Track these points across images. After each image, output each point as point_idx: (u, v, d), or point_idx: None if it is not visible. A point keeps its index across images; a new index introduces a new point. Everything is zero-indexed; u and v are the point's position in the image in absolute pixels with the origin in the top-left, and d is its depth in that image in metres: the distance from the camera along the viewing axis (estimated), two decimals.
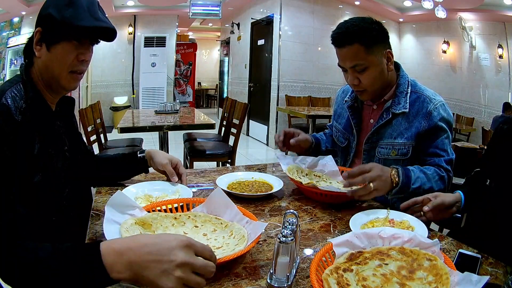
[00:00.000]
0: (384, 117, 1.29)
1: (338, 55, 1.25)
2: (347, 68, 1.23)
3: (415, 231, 0.92)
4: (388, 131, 1.29)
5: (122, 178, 1.29)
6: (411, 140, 1.25)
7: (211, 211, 0.93)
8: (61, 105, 1.07)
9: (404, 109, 1.26)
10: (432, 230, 1.02)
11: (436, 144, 1.24)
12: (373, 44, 1.20)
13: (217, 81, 11.04)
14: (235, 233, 0.85)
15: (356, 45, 1.18)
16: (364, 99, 1.34)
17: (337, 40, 1.22)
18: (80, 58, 0.94)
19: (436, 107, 1.24)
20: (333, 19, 6.22)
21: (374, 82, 1.24)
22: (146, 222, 0.84)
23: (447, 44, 6.13)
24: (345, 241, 0.76)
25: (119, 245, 0.60)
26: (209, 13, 6.81)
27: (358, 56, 1.19)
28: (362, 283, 0.69)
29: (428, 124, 1.23)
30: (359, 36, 1.17)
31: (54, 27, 0.90)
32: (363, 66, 1.20)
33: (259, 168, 1.53)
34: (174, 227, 0.87)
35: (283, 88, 5.98)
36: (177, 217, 0.90)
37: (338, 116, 1.51)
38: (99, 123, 3.32)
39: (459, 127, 5.73)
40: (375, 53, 1.20)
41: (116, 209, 0.84)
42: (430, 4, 5.21)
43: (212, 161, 3.45)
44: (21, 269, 0.58)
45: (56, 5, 0.90)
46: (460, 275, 0.67)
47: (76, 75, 0.96)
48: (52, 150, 0.97)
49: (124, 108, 7.17)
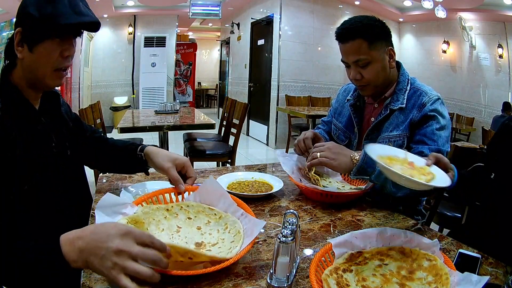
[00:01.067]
0: (382, 113, 1.31)
1: (342, 50, 1.27)
2: (350, 62, 1.25)
3: (436, 178, 0.85)
4: (385, 126, 1.30)
5: (123, 171, 1.25)
6: (405, 132, 1.25)
7: (204, 200, 0.91)
8: (45, 101, 1.02)
9: (402, 105, 1.27)
10: (432, 230, 1.03)
11: (424, 132, 1.22)
12: (375, 40, 1.22)
13: (217, 81, 11.04)
14: (230, 226, 0.83)
15: (359, 40, 1.20)
16: (366, 94, 1.35)
17: (341, 35, 1.24)
18: (64, 54, 0.90)
19: (430, 99, 1.24)
20: (333, 19, 6.22)
21: (376, 77, 1.26)
22: (139, 220, 0.81)
23: (447, 44, 6.13)
24: (344, 241, 0.76)
25: (72, 235, 0.64)
26: (209, 13, 6.81)
27: (361, 51, 1.21)
28: (361, 283, 0.69)
29: (420, 114, 1.24)
30: (362, 32, 1.20)
31: (35, 27, 0.85)
32: (366, 61, 1.22)
33: (259, 168, 1.53)
34: (167, 219, 0.85)
35: (283, 88, 5.98)
36: (169, 209, 0.87)
37: (339, 115, 1.51)
38: (99, 123, 3.31)
39: (459, 127, 5.73)
40: (378, 49, 1.23)
41: (106, 210, 0.82)
42: (430, 4, 5.21)
43: (212, 161, 3.45)
44: None
45: (34, 3, 0.85)
46: (460, 275, 0.67)
47: (60, 72, 0.93)
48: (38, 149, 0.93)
49: (124, 108, 7.17)
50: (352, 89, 1.46)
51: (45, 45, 0.87)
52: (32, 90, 0.95)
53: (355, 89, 1.43)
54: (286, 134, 5.69)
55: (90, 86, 7.23)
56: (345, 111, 1.47)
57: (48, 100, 1.03)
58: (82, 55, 6.31)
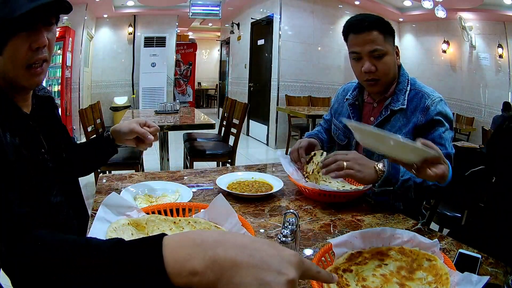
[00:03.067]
0: (382, 114, 1.30)
1: (355, 41, 1.24)
2: (365, 53, 1.23)
3: None
4: (387, 128, 1.29)
5: (98, 163, 1.25)
6: (409, 135, 1.24)
7: (212, 219, 0.90)
8: (38, 105, 0.97)
9: (402, 106, 1.26)
10: (433, 231, 1.03)
11: (432, 137, 1.22)
12: (389, 35, 1.24)
13: (217, 81, 11.04)
14: None
15: (375, 32, 1.21)
16: (375, 91, 1.33)
17: (356, 25, 1.23)
18: (33, 47, 0.81)
19: (434, 102, 1.24)
20: (333, 19, 6.22)
21: (389, 71, 1.26)
22: (140, 224, 0.81)
23: (447, 43, 6.13)
24: (344, 241, 0.76)
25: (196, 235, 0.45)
26: (209, 13, 6.81)
27: (377, 41, 1.21)
28: (361, 283, 0.69)
29: (425, 118, 1.23)
30: (378, 24, 1.21)
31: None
32: (382, 52, 1.22)
33: (259, 168, 1.53)
34: (172, 231, 0.84)
35: (283, 88, 5.98)
36: (177, 222, 0.87)
37: (339, 114, 1.50)
38: (99, 123, 3.31)
39: (459, 126, 5.73)
40: (390, 44, 1.25)
41: (111, 209, 0.81)
42: (430, 4, 5.21)
43: (212, 161, 3.45)
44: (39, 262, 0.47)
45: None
46: (460, 275, 0.67)
47: (34, 70, 0.83)
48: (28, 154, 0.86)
49: (124, 108, 7.17)
50: (351, 88, 1.45)
51: (13, 43, 0.80)
52: (17, 94, 0.88)
53: (354, 88, 1.42)
54: (286, 134, 5.69)
55: (90, 86, 7.23)
56: (344, 110, 1.46)
57: (40, 103, 0.98)
58: (82, 55, 6.31)
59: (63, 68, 5.60)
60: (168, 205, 0.95)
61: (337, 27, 6.32)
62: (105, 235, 0.74)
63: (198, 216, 0.92)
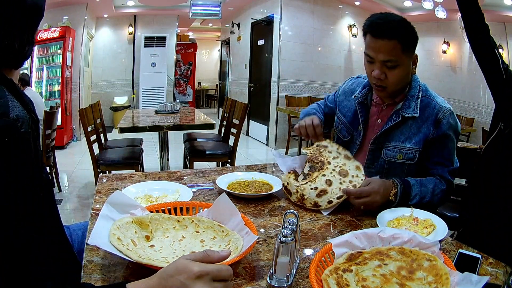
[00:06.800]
0: (393, 119, 1.27)
1: (371, 45, 1.19)
2: (378, 61, 1.19)
3: (436, 230, 0.98)
4: (396, 134, 1.27)
5: None
6: (418, 146, 1.24)
7: (215, 217, 0.90)
8: None
9: (415, 114, 1.24)
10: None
11: (442, 154, 1.24)
12: (410, 46, 1.19)
13: (217, 81, 11.04)
14: (232, 243, 0.82)
15: (395, 41, 1.15)
16: (382, 96, 1.31)
17: (377, 29, 1.16)
18: None
19: (445, 115, 1.23)
20: (333, 19, 6.22)
21: (399, 82, 1.23)
22: (144, 222, 0.82)
23: (447, 44, 6.12)
24: (344, 241, 0.76)
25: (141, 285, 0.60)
26: (209, 13, 6.81)
27: (393, 52, 1.16)
28: (361, 283, 0.69)
29: (437, 132, 1.22)
30: (401, 34, 1.15)
31: None
32: (396, 63, 1.18)
33: (259, 168, 1.53)
34: (175, 229, 0.86)
35: (283, 88, 5.98)
36: (180, 220, 0.88)
37: (343, 107, 1.45)
38: (99, 123, 3.32)
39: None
40: (408, 55, 1.20)
41: (115, 207, 0.82)
42: (430, 5, 5.20)
43: (212, 161, 3.45)
44: None
45: None
46: (460, 275, 0.67)
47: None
48: None
49: (124, 108, 7.17)
50: (361, 85, 1.40)
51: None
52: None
53: (364, 86, 1.37)
54: (286, 135, 5.69)
55: (90, 86, 7.23)
56: (351, 105, 1.42)
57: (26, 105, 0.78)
58: (82, 55, 6.32)
59: (63, 67, 5.60)
60: (172, 203, 0.96)
61: (337, 27, 6.32)
62: (109, 233, 0.74)
63: (201, 215, 0.92)
